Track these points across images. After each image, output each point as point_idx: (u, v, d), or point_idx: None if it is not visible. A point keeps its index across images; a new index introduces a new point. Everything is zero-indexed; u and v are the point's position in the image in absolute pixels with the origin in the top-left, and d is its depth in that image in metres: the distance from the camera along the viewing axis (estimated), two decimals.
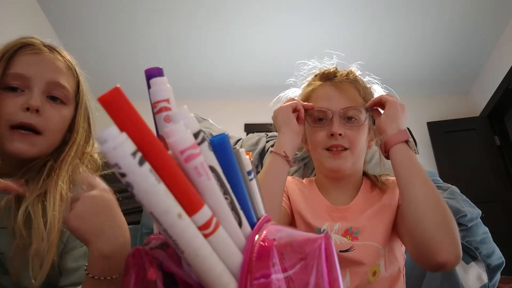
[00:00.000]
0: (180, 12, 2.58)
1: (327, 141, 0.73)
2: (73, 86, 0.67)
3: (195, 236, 0.23)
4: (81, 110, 0.68)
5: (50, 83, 0.62)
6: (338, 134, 0.71)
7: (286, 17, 2.66)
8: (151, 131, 0.23)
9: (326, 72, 0.81)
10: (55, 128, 0.63)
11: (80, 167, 0.67)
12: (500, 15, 2.66)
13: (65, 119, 0.65)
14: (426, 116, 3.37)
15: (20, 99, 0.59)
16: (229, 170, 0.27)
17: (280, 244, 0.26)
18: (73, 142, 0.66)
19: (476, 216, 0.93)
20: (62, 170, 0.61)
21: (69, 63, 0.67)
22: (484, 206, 1.10)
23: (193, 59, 3.05)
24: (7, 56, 0.61)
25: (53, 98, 0.63)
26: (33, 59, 0.62)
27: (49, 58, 0.64)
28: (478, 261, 0.90)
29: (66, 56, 0.68)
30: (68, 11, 2.55)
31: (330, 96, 0.76)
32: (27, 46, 0.63)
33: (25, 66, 0.61)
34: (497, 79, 2.96)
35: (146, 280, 0.28)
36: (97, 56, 2.92)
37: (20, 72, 0.60)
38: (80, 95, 0.69)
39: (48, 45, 0.66)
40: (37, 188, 0.58)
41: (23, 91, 0.60)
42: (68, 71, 0.66)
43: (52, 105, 0.63)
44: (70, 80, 0.66)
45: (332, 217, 0.73)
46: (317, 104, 0.76)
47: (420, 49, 2.97)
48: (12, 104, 0.59)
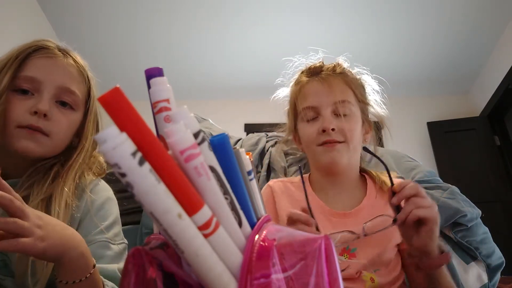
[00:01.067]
0: (180, 12, 2.58)
1: (320, 137, 0.70)
2: (84, 92, 0.67)
3: (195, 236, 0.23)
4: (90, 116, 0.68)
5: (60, 88, 0.62)
6: (331, 129, 0.69)
7: (286, 17, 2.66)
8: (151, 131, 0.23)
9: (312, 67, 0.79)
10: (62, 132, 0.63)
11: (86, 173, 0.67)
12: (500, 15, 2.66)
13: (73, 124, 0.65)
14: (426, 116, 3.37)
15: (29, 102, 0.60)
16: (229, 170, 0.27)
17: (280, 244, 0.26)
18: (82, 148, 0.66)
19: (476, 216, 0.93)
20: (68, 176, 0.62)
21: (82, 68, 0.67)
22: (484, 206, 1.10)
23: (193, 59, 3.05)
24: (20, 58, 0.61)
25: (63, 103, 0.63)
26: (46, 63, 0.62)
27: (62, 63, 0.64)
28: (478, 261, 0.90)
29: (80, 61, 0.68)
30: (68, 11, 2.55)
31: (318, 91, 0.73)
32: (41, 49, 0.63)
33: (37, 70, 0.61)
34: (497, 79, 2.96)
35: (146, 280, 0.28)
36: (97, 56, 2.92)
37: (32, 75, 0.60)
38: (90, 101, 0.69)
39: (63, 49, 0.67)
40: (42, 192, 0.58)
41: (33, 94, 0.61)
42: (80, 77, 0.66)
43: (61, 110, 0.63)
44: (81, 86, 0.66)
45: (331, 223, 0.69)
46: (306, 101, 0.74)
47: (420, 49, 2.97)
48: (21, 107, 0.59)
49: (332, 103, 0.71)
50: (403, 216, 0.55)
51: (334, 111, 0.71)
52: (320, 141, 0.70)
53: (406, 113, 3.39)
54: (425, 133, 3.30)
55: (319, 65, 0.79)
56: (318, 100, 0.72)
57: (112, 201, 0.70)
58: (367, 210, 0.70)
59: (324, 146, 0.70)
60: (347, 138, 0.70)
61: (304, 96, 0.75)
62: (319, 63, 0.80)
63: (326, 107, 0.71)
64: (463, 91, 3.51)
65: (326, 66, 0.78)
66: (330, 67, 0.78)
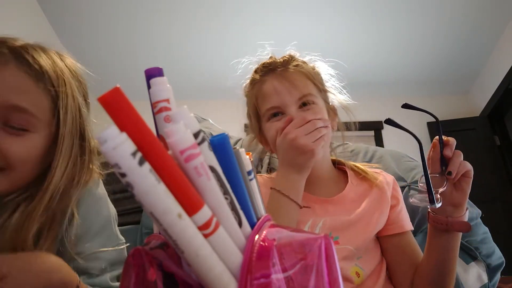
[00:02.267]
0: (180, 12, 2.58)
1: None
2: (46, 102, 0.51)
3: (195, 236, 0.23)
4: (65, 129, 0.52)
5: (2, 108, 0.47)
6: None
7: (286, 17, 2.66)
8: (151, 131, 0.23)
9: (266, 64, 0.75)
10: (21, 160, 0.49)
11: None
12: (500, 15, 2.66)
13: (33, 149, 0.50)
14: (426, 116, 3.36)
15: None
16: (229, 170, 0.27)
17: (280, 244, 0.26)
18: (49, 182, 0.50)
19: (476, 216, 0.93)
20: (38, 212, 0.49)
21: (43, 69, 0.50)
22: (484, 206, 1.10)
23: (193, 59, 3.05)
24: None
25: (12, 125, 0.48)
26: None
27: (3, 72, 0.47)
28: (478, 261, 0.90)
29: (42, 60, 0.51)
30: (68, 11, 2.55)
31: (279, 90, 0.69)
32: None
33: None
34: (497, 79, 2.96)
35: (146, 280, 0.28)
36: (97, 56, 2.92)
37: None
38: (62, 111, 0.52)
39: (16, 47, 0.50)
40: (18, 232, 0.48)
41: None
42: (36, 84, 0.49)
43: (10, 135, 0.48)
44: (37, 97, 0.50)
45: (313, 209, 0.68)
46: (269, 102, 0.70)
47: (420, 49, 2.97)
48: None
49: (296, 100, 0.69)
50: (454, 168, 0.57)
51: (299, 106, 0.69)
52: None
53: (406, 113, 3.38)
54: (425, 133, 3.30)
55: (271, 60, 0.75)
56: (280, 100, 0.69)
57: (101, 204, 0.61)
58: (351, 197, 0.71)
59: None
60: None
61: (264, 97, 0.71)
62: (271, 58, 0.76)
63: (291, 105, 0.68)
64: (463, 91, 3.51)
65: (279, 61, 0.74)
66: (284, 61, 0.73)
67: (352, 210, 0.69)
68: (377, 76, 3.23)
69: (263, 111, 0.72)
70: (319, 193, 0.71)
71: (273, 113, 0.70)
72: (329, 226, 0.66)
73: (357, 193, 0.72)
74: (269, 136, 0.72)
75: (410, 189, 0.97)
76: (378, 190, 0.72)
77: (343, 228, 0.66)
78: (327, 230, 0.65)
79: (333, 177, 0.76)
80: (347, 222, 0.67)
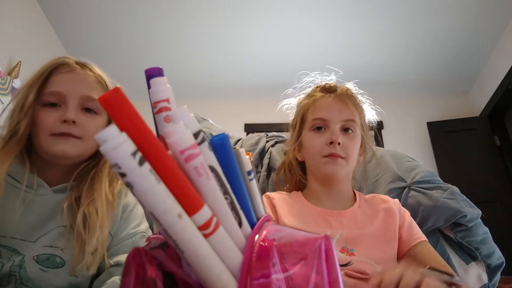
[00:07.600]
0: (180, 12, 2.58)
1: (326, 149, 0.76)
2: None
3: (195, 236, 0.23)
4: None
5: (83, 97, 0.70)
6: (337, 143, 0.74)
7: (286, 17, 2.66)
8: (151, 131, 0.23)
9: (328, 86, 0.86)
10: (91, 134, 0.70)
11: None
12: (500, 15, 2.66)
13: (100, 126, 0.72)
14: (426, 116, 3.36)
15: (58, 113, 0.68)
16: (229, 170, 0.27)
17: (280, 244, 0.26)
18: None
19: (476, 217, 0.93)
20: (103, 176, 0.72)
21: (99, 77, 0.75)
22: (484, 206, 1.10)
23: (193, 59, 3.05)
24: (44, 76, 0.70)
25: (88, 109, 0.71)
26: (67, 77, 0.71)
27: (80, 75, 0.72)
28: (478, 261, 0.90)
29: (97, 71, 0.76)
30: (68, 11, 2.55)
31: (332, 107, 0.79)
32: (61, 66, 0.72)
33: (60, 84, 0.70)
34: (497, 79, 2.96)
35: (146, 280, 0.28)
36: (97, 56, 2.91)
37: (57, 90, 0.69)
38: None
39: (80, 63, 0.75)
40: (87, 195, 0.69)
41: (60, 106, 0.69)
42: (98, 84, 0.74)
43: (87, 116, 0.71)
44: (100, 92, 0.73)
45: (328, 222, 0.73)
46: (318, 113, 0.79)
47: (420, 49, 2.96)
48: (51, 118, 0.67)
49: (342, 120, 0.78)
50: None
51: (342, 127, 0.78)
52: (326, 153, 0.76)
53: (406, 113, 3.39)
54: (425, 133, 3.30)
55: (334, 84, 0.87)
56: (330, 114, 0.78)
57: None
58: (361, 211, 0.77)
59: (328, 158, 0.75)
60: (348, 156, 0.76)
61: (316, 109, 0.81)
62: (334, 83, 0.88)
63: (336, 122, 0.77)
64: (463, 91, 3.51)
65: (340, 87, 0.85)
66: (344, 88, 0.85)
67: (364, 224, 0.73)
68: (377, 76, 3.23)
69: (310, 119, 0.81)
70: (332, 206, 0.77)
71: (317, 126, 0.79)
72: (345, 238, 0.69)
73: (366, 209, 0.78)
74: (307, 145, 0.81)
75: (410, 190, 0.97)
76: (386, 207, 0.77)
77: (357, 241, 0.69)
78: (343, 243, 0.69)
79: (346, 198, 0.82)
80: (360, 236, 0.70)
